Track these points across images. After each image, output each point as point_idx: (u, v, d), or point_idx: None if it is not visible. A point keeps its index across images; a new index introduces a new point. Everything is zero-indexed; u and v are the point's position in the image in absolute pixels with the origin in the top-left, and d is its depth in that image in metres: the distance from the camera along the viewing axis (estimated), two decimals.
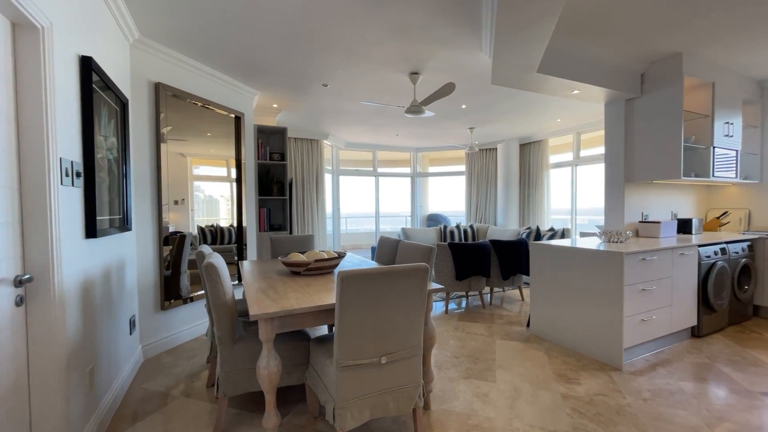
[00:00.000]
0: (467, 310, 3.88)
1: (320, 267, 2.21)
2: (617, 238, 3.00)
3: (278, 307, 1.54)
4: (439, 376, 2.37)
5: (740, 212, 4.03)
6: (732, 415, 1.90)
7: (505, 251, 3.98)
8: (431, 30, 2.65)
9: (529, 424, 1.84)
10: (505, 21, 2.06)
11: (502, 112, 5.00)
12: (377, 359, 1.51)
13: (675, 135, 3.20)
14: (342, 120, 5.37)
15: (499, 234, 5.95)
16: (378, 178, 7.83)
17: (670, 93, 3.22)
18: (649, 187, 3.69)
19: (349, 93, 4.10)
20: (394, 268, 1.47)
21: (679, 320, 2.84)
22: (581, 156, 6.03)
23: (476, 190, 7.65)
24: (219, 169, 3.52)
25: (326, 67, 3.33)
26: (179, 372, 2.48)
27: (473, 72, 3.49)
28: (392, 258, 2.77)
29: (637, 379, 2.31)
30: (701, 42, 2.92)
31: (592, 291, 2.65)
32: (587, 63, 3.09)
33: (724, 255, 3.14)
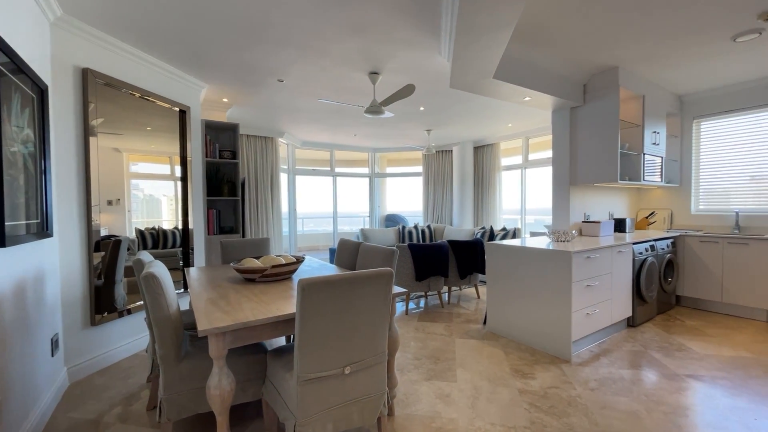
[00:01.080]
0: (426, 309, 3.92)
1: (277, 273, 2.08)
2: (564, 238, 3.20)
3: (231, 319, 1.41)
4: (402, 379, 2.35)
5: (664, 212, 4.51)
6: (665, 398, 2.09)
7: (462, 251, 4.09)
8: (392, 30, 2.62)
9: (490, 422, 1.88)
10: (465, 27, 2.09)
11: (458, 115, 5.14)
12: (341, 370, 1.44)
13: (612, 142, 3.48)
14: (298, 118, 5.19)
15: (455, 234, 6.12)
16: (336, 178, 7.70)
17: (608, 103, 3.51)
18: (590, 190, 3.99)
19: (307, 90, 3.95)
20: (358, 274, 1.41)
21: (618, 312, 3.09)
22: (530, 159, 6.40)
23: (433, 190, 7.81)
24: (161, 166, 3.21)
25: (282, 61, 3.17)
26: (114, 395, 2.20)
27: (432, 75, 3.53)
28: (353, 261, 2.71)
29: (584, 369, 2.46)
30: (634, 58, 3.21)
31: (543, 288, 2.80)
32: (538, 72, 3.26)
33: (652, 251, 3.48)
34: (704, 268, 3.73)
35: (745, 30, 2.68)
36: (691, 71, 3.53)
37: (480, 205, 7.18)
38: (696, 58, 3.20)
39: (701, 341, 2.94)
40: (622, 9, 2.39)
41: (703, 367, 2.47)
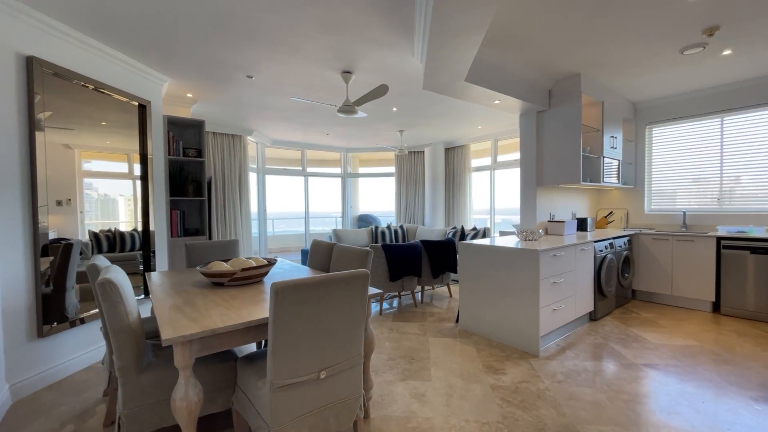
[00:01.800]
0: (400, 309, 3.94)
1: (248, 277, 2.00)
2: (532, 237, 3.32)
3: (199, 327, 1.33)
4: (377, 380, 2.34)
5: (621, 212, 4.80)
6: (625, 387, 2.22)
7: (435, 251, 4.14)
8: (365, 30, 2.61)
9: (465, 419, 1.91)
10: (439, 29, 2.11)
11: (430, 116, 5.21)
12: (316, 375, 1.41)
13: (575, 145, 3.66)
14: (269, 116, 5.04)
15: (427, 234, 6.20)
16: (307, 178, 7.56)
17: (571, 108, 3.68)
18: (555, 191, 4.17)
19: (277, 87, 3.85)
20: (334, 276, 1.38)
21: (581, 307, 3.25)
22: (498, 161, 6.60)
23: (405, 191, 7.87)
24: (118, 164, 3.00)
25: (251, 57, 3.07)
26: (65, 412, 2.03)
27: (405, 76, 3.55)
28: (326, 262, 2.66)
29: (551, 363, 2.57)
30: (594, 66, 3.39)
31: (512, 286, 2.89)
32: (507, 76, 3.37)
33: (611, 249, 3.69)
34: (656, 263, 4.01)
35: (691, 44, 2.91)
36: (645, 80, 3.78)
37: (451, 205, 7.31)
38: (649, 68, 3.43)
39: (655, 332, 3.15)
40: (584, 20, 2.52)
41: (657, 356, 2.65)
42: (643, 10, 2.41)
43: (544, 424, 1.85)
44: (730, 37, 2.82)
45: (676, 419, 1.89)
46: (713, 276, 3.63)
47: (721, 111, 4.01)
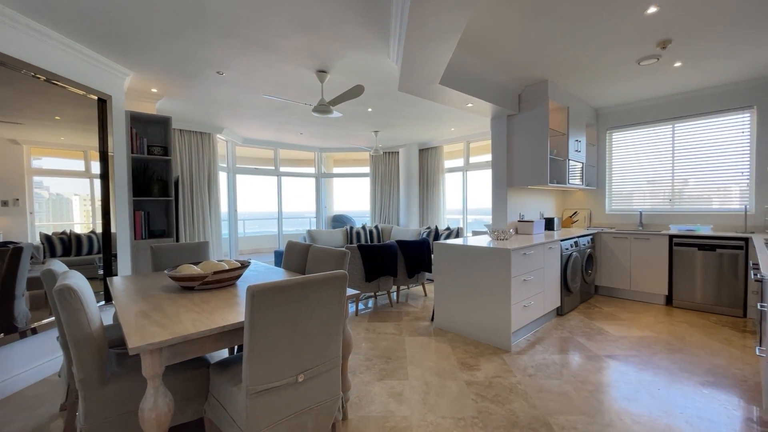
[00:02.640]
0: (376, 309, 3.95)
1: (220, 280, 1.94)
2: (503, 236, 3.43)
3: (169, 333, 1.28)
4: (355, 381, 2.33)
5: (585, 212, 5.07)
6: (590, 378, 2.35)
7: (410, 251, 4.18)
8: (341, 30, 2.59)
9: (441, 415, 1.95)
10: (414, 32, 2.14)
11: (405, 117, 5.25)
12: (294, 378, 1.38)
13: (543, 148, 3.82)
14: (240, 113, 4.89)
15: (402, 234, 6.25)
16: (280, 178, 7.40)
17: (539, 113, 3.84)
18: (524, 191, 4.34)
19: (250, 85, 3.74)
20: (312, 277, 1.37)
21: (549, 303, 3.40)
22: (471, 162, 6.77)
23: (380, 191, 7.89)
24: (74, 161, 2.81)
25: (222, 52, 2.96)
26: (16, 430, 1.87)
27: (381, 77, 3.56)
28: (302, 264, 2.62)
29: (522, 358, 2.67)
30: (560, 74, 3.55)
31: (485, 284, 2.97)
32: (479, 81, 3.46)
33: (576, 247, 3.89)
34: (616, 260, 4.26)
35: (646, 55, 3.12)
36: (606, 88, 4.02)
37: (425, 206, 7.41)
38: (609, 77, 3.64)
39: (616, 325, 3.35)
40: (550, 30, 2.64)
41: (618, 348, 2.82)
42: (604, 23, 2.56)
43: (516, 417, 1.92)
44: (681, 51, 3.05)
45: (636, 406, 2.02)
46: (666, 271, 3.91)
47: (672, 118, 4.32)
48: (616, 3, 2.32)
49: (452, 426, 1.85)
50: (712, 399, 2.08)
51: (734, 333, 3.11)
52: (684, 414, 1.94)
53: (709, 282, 3.67)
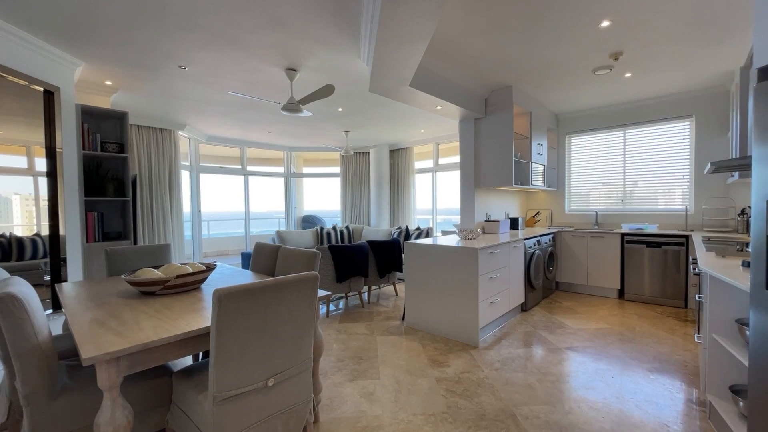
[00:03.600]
0: (347, 310, 3.93)
1: (184, 284, 1.85)
2: (471, 236, 3.54)
3: (127, 341, 1.21)
4: (326, 383, 2.31)
5: (546, 212, 5.33)
6: (551, 369, 2.48)
7: (382, 251, 4.21)
8: (311, 28, 2.57)
9: (412, 413, 1.98)
10: (385, 35, 2.16)
11: (375, 118, 5.27)
12: (264, 383, 1.36)
13: (508, 151, 3.98)
14: (204, 110, 4.69)
15: (373, 234, 6.27)
16: (247, 177, 7.18)
17: (504, 117, 4.00)
18: (491, 192, 4.50)
19: (215, 80, 3.61)
20: (282, 279, 1.35)
21: (514, 299, 3.55)
22: (440, 164, 6.91)
23: (351, 191, 7.87)
24: (14, 157, 2.59)
25: (185, 46, 2.84)
26: None
27: (351, 77, 3.56)
28: (271, 266, 2.57)
29: (489, 353, 2.77)
30: (523, 80, 3.72)
31: (454, 282, 3.05)
32: (448, 84, 3.55)
33: (539, 245, 4.08)
34: (575, 258, 4.52)
35: (601, 65, 3.34)
36: (565, 95, 4.25)
37: (396, 206, 7.48)
38: (568, 84, 3.86)
39: (574, 318, 3.56)
40: (514, 37, 2.76)
41: (576, 340, 3.00)
42: (563, 33, 2.71)
43: (484, 410, 1.99)
44: (631, 63, 3.29)
45: (592, 393, 2.16)
46: (618, 267, 4.21)
47: (624, 125, 4.65)
48: (574, 15, 2.47)
49: (423, 422, 1.89)
50: (658, 384, 2.26)
51: (677, 322, 3.40)
52: (634, 399, 2.10)
53: (655, 276, 3.99)
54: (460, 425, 1.86)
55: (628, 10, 2.40)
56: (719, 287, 1.84)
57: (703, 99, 4.10)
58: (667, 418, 1.90)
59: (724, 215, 4.02)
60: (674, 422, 1.87)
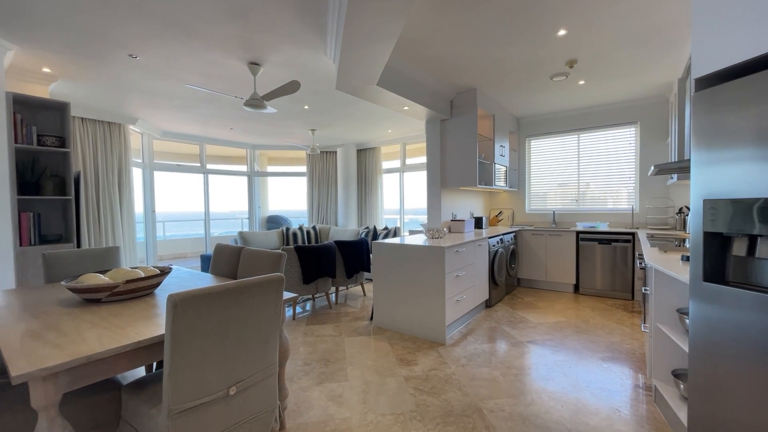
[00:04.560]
0: (314, 312, 3.86)
1: (134, 289, 1.72)
2: (438, 235, 3.60)
3: (67, 354, 1.09)
4: (293, 388, 2.24)
5: (508, 211, 5.54)
6: (514, 362, 2.57)
7: (349, 251, 4.17)
8: (275, 21, 2.48)
9: (381, 413, 1.97)
10: (352, 33, 2.13)
11: (342, 117, 5.22)
12: (225, 391, 1.28)
13: (472, 152, 4.10)
14: (158, 103, 4.40)
15: (340, 234, 6.20)
16: (207, 176, 6.84)
17: (469, 119, 4.11)
18: (456, 192, 4.60)
19: (170, 72, 3.39)
20: (245, 282, 1.28)
21: (479, 296, 3.65)
22: (407, 164, 6.97)
23: (318, 191, 7.74)
24: None
25: (137, 34, 2.64)
26: None
27: (318, 74, 3.49)
28: (233, 268, 2.45)
29: (455, 349, 2.82)
30: (487, 83, 3.84)
31: (421, 281, 3.08)
32: (415, 85, 3.58)
33: (502, 243, 4.23)
34: (535, 255, 4.74)
35: (558, 72, 3.53)
36: (525, 99, 4.44)
37: (364, 206, 7.45)
38: (528, 89, 4.04)
39: (535, 313, 3.73)
40: (477, 41, 2.84)
41: (537, 333, 3.14)
42: (523, 39, 2.83)
43: (451, 406, 2.03)
44: (584, 71, 3.50)
45: (552, 384, 2.27)
46: (574, 263, 4.46)
47: (578, 129, 4.95)
48: (534, 23, 2.58)
49: (392, 422, 1.88)
50: (610, 372, 2.42)
51: (626, 314, 3.66)
52: (589, 387, 2.22)
53: (606, 271, 4.27)
54: (428, 423, 1.88)
55: (582, 21, 2.55)
56: (662, 280, 2.00)
57: (647, 107, 4.45)
58: (618, 404, 2.03)
59: (664, 214, 4.39)
60: (624, 407, 2.00)
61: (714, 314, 1.30)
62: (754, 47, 1.16)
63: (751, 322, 1.19)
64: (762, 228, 1.16)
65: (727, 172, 1.25)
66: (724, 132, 1.26)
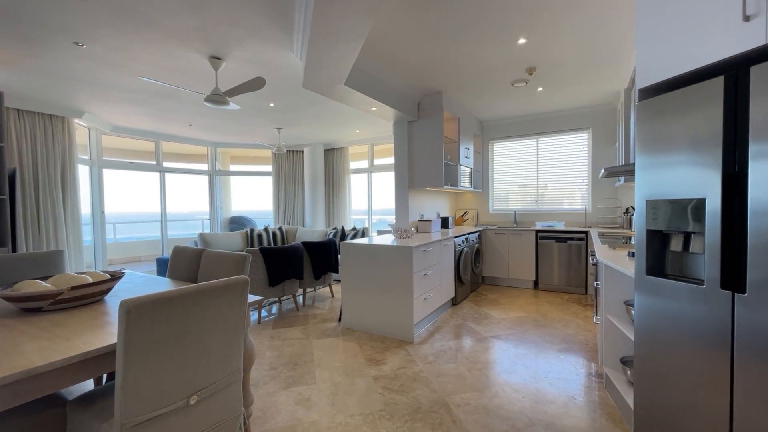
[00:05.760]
0: (281, 315, 3.76)
1: (81, 296, 1.59)
2: (406, 235, 3.64)
3: (2, 369, 0.99)
4: (259, 393, 2.18)
5: (473, 211, 5.72)
6: (479, 357, 2.66)
7: (317, 252, 4.11)
8: (238, 15, 2.39)
9: (350, 414, 1.96)
10: (319, 31, 2.11)
11: (309, 116, 5.14)
12: (184, 401, 1.22)
13: (438, 153, 4.19)
14: (108, 96, 4.09)
15: (308, 235, 6.10)
16: (164, 174, 6.46)
17: (435, 121, 4.20)
18: (423, 193, 4.68)
19: (122, 63, 3.16)
20: (207, 285, 1.23)
21: (446, 294, 3.74)
22: (375, 164, 6.99)
23: (284, 191, 7.56)
24: None
25: (83, 20, 2.44)
26: None
27: (284, 71, 3.41)
28: (193, 272, 2.33)
29: (423, 347, 2.87)
30: (452, 87, 3.95)
31: (390, 281, 3.11)
32: (383, 86, 3.60)
33: (467, 243, 4.36)
34: (498, 253, 4.93)
35: (518, 79, 3.69)
36: (488, 104, 4.61)
37: (332, 206, 7.38)
38: (490, 93, 4.20)
39: (498, 309, 3.88)
40: (443, 46, 2.91)
41: (500, 328, 3.27)
42: (486, 46, 2.94)
43: (419, 403, 2.06)
44: (542, 78, 3.70)
45: (514, 376, 2.37)
46: (533, 260, 4.69)
47: (537, 134, 5.21)
48: (496, 30, 2.69)
49: (361, 422, 1.88)
50: (566, 362, 2.57)
51: (580, 307, 3.91)
52: (548, 377, 2.35)
53: (562, 267, 4.53)
54: (397, 421, 1.90)
55: (540, 31, 2.69)
56: (612, 275, 2.16)
57: (598, 114, 4.78)
58: (574, 392, 2.17)
59: (613, 214, 4.74)
60: (579, 394, 2.14)
61: (656, 305, 1.42)
62: (690, 62, 1.29)
63: (686, 310, 1.32)
64: (695, 225, 1.29)
65: (666, 175, 1.37)
66: (663, 138, 1.38)
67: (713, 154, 1.22)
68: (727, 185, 1.19)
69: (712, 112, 1.22)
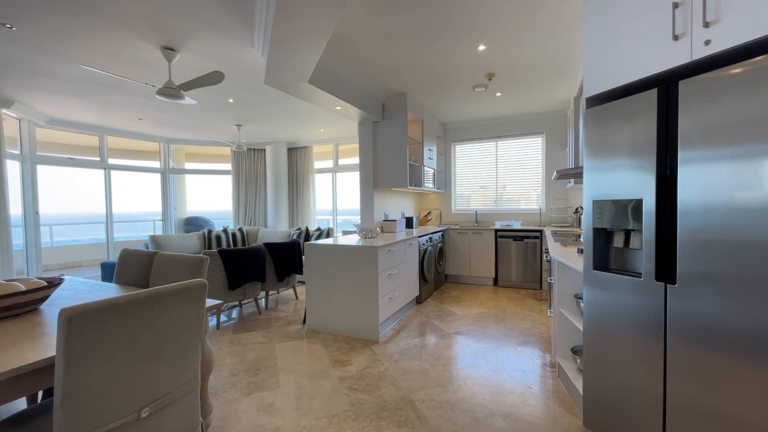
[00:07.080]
0: (242, 319, 3.62)
1: (11, 306, 1.43)
2: (371, 235, 3.65)
3: None
4: (218, 401, 2.08)
5: (436, 211, 5.86)
6: (442, 354, 2.73)
7: (280, 253, 4.00)
8: (195, 5, 2.27)
9: (315, 417, 1.93)
10: (281, 27, 2.05)
11: (272, 114, 4.99)
12: (135, 415, 1.14)
13: (403, 154, 4.24)
14: (43, 85, 3.71)
15: (270, 236, 5.92)
16: (109, 171, 5.97)
17: (399, 122, 4.25)
18: (388, 193, 4.72)
19: (59, 49, 2.89)
20: (159, 290, 1.16)
21: (410, 293, 3.80)
22: (340, 164, 6.94)
23: (245, 190, 7.28)
24: None
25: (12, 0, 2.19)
26: None
27: (244, 66, 3.29)
28: (144, 276, 2.18)
29: (388, 346, 2.90)
30: (415, 89, 4.02)
31: (355, 281, 3.10)
32: (348, 86, 3.59)
33: (431, 242, 4.46)
34: (460, 252, 5.09)
35: (478, 83, 3.84)
36: (450, 107, 4.75)
37: (295, 206, 7.22)
38: (451, 97, 4.32)
39: (460, 305, 4.00)
40: (407, 46, 2.96)
41: (462, 324, 3.38)
42: (448, 51, 3.02)
43: (385, 402, 2.07)
44: (501, 84, 3.87)
45: (476, 370, 2.46)
46: (493, 258, 4.90)
47: (496, 137, 5.44)
48: (456, 36, 2.78)
49: (326, 424, 1.86)
50: (524, 354, 2.71)
51: (536, 302, 4.13)
52: (507, 369, 2.47)
53: (519, 264, 4.77)
54: (363, 420, 1.90)
55: (498, 38, 2.82)
56: (563, 270, 2.31)
57: (550, 120, 5.09)
58: (530, 381, 2.29)
59: (564, 213, 5.06)
60: (535, 384, 2.26)
61: (601, 297, 1.54)
62: (629, 74, 1.41)
63: (627, 301, 1.44)
64: (634, 224, 1.41)
65: (610, 177, 1.49)
66: (607, 144, 1.50)
67: (649, 159, 1.34)
68: (660, 187, 1.32)
69: (647, 121, 1.35)
